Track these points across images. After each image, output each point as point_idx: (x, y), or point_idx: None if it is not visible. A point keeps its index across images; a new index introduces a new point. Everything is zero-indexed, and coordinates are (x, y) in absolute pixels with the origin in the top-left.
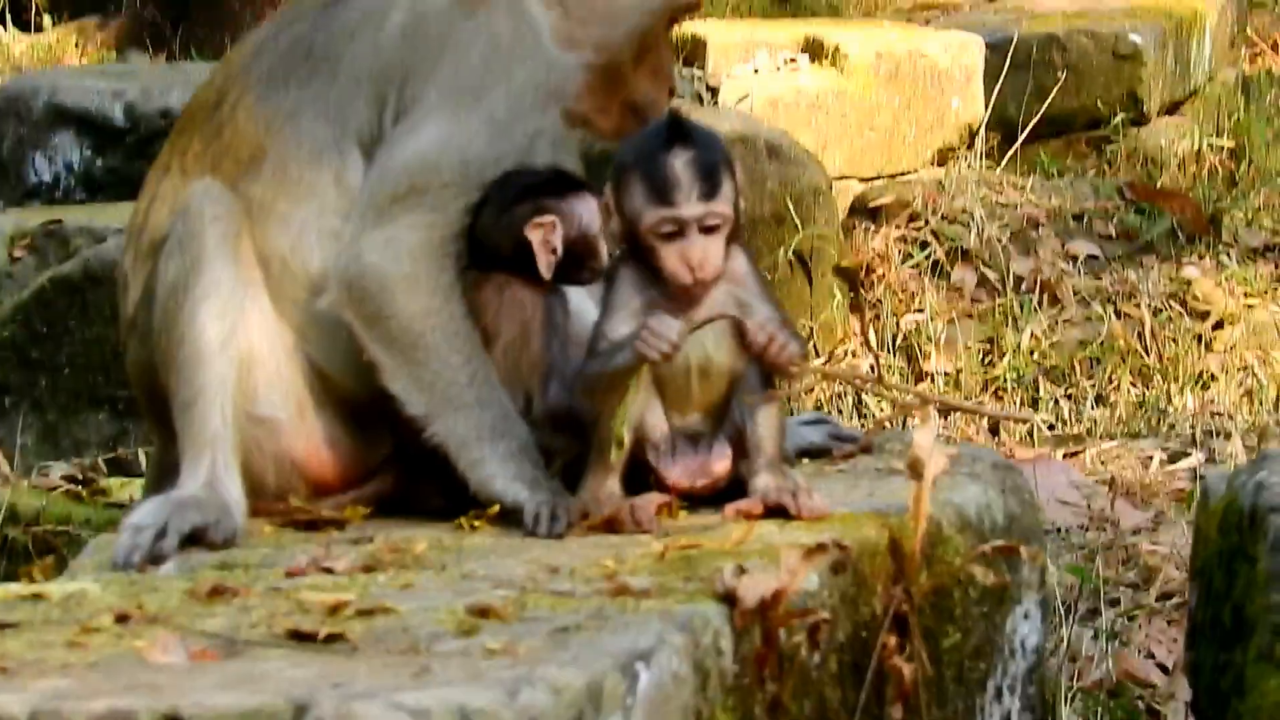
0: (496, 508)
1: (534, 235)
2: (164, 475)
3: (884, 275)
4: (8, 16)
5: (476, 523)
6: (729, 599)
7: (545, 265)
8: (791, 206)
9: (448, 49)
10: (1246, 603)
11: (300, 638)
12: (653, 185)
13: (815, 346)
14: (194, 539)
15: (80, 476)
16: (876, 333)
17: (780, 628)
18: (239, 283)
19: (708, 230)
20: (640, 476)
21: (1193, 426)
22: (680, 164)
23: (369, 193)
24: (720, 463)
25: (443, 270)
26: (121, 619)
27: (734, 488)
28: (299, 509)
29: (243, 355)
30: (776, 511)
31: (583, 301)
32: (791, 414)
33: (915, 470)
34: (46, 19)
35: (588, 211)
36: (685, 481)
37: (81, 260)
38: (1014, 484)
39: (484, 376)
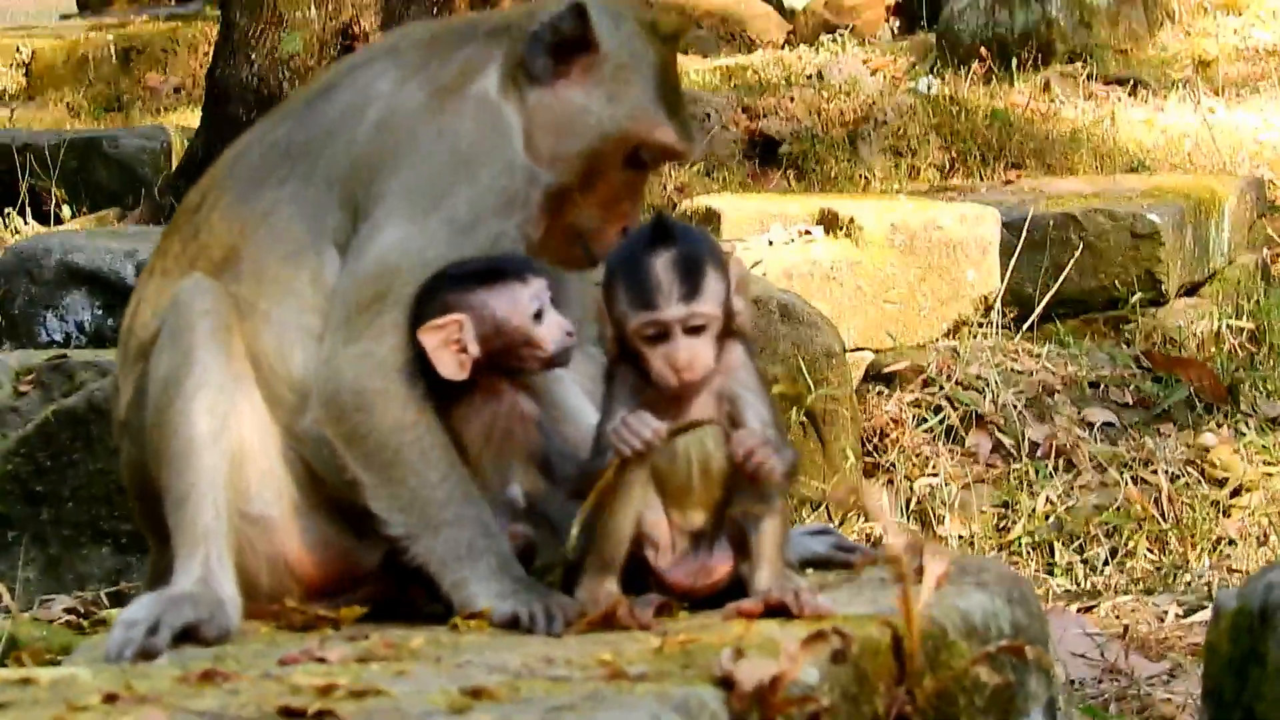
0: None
1: (428, 340)
2: (159, 576)
3: (898, 439)
4: (27, 210)
5: (473, 623)
6: (726, 683)
7: (450, 368)
8: (804, 368)
9: (413, 147)
10: (1257, 702)
11: (290, 714)
12: (634, 288)
13: (828, 509)
14: (187, 635)
15: (82, 609)
16: (890, 496)
17: (778, 715)
18: (230, 377)
19: (692, 331)
20: (640, 576)
21: (1208, 583)
22: (661, 266)
23: (339, 304)
24: (721, 564)
25: (415, 381)
26: (110, 699)
27: (735, 588)
28: (294, 609)
29: (235, 450)
30: (778, 610)
31: (581, 402)
32: (795, 524)
33: (895, 570)
34: (66, 210)
35: (502, 302)
36: (686, 582)
37: (86, 394)
38: (1021, 595)
39: (461, 492)
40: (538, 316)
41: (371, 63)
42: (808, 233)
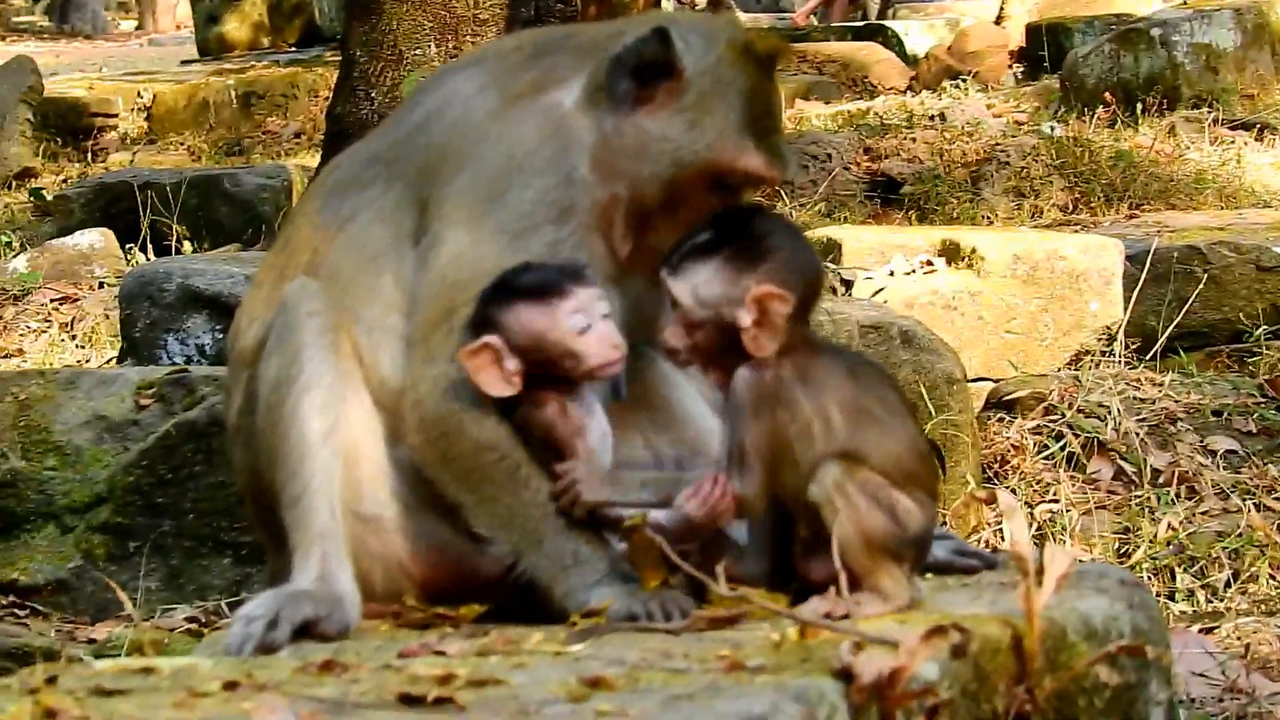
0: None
1: (467, 365)
2: (277, 578)
3: (1018, 466)
4: (149, 246)
5: (590, 621)
6: (845, 675)
7: (496, 387)
8: (925, 394)
9: (476, 151)
10: None
11: (409, 701)
12: None
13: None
14: (306, 631)
15: (203, 619)
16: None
17: (897, 708)
18: (339, 375)
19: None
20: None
21: None
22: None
23: (416, 319)
24: None
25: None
26: (230, 686)
27: None
28: (413, 608)
29: (346, 450)
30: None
31: (697, 405)
32: None
33: (1021, 566)
34: (187, 246)
35: (541, 317)
36: (817, 576)
37: (207, 407)
38: (1141, 600)
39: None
40: (582, 330)
41: (460, 70)
42: (929, 263)
